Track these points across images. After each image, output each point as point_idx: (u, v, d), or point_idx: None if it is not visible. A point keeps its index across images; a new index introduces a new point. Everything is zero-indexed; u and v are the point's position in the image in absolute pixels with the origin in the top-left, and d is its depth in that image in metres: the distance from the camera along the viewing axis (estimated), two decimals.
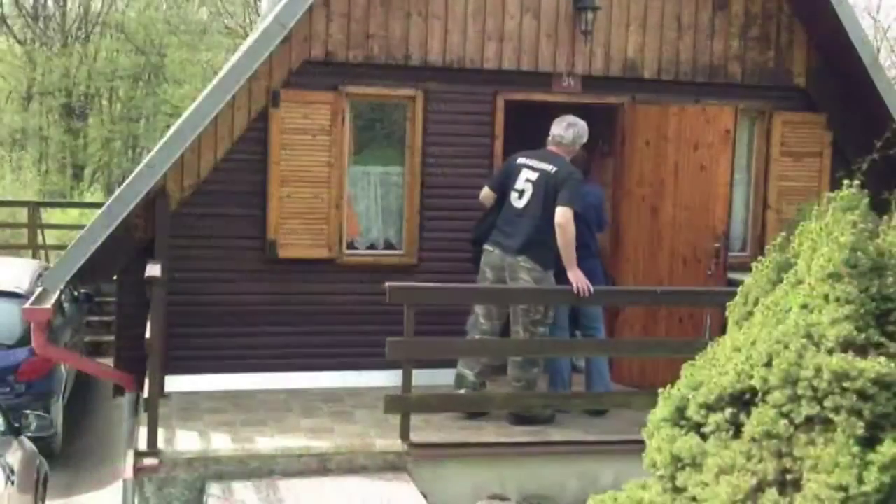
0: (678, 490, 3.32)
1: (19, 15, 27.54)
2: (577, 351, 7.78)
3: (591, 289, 6.72)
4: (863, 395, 2.97)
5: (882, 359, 3.01)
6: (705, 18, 8.26)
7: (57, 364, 8.87)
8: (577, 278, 6.70)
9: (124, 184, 7.12)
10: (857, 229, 3.21)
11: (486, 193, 7.21)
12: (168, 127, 12.07)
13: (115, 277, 7.59)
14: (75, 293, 11.01)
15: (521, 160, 7.04)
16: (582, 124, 7.15)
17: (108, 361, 8.24)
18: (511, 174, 7.03)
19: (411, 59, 7.73)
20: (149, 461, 6.03)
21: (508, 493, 6.54)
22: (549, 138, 7.12)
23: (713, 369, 3.39)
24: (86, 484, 8.65)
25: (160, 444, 6.13)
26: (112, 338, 9.16)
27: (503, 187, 7.08)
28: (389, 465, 6.38)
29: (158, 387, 6.31)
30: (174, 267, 7.29)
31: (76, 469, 8.97)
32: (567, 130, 7.07)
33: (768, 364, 3.18)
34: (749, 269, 3.77)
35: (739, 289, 3.69)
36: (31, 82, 27.07)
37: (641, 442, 3.54)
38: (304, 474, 6.24)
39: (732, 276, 7.38)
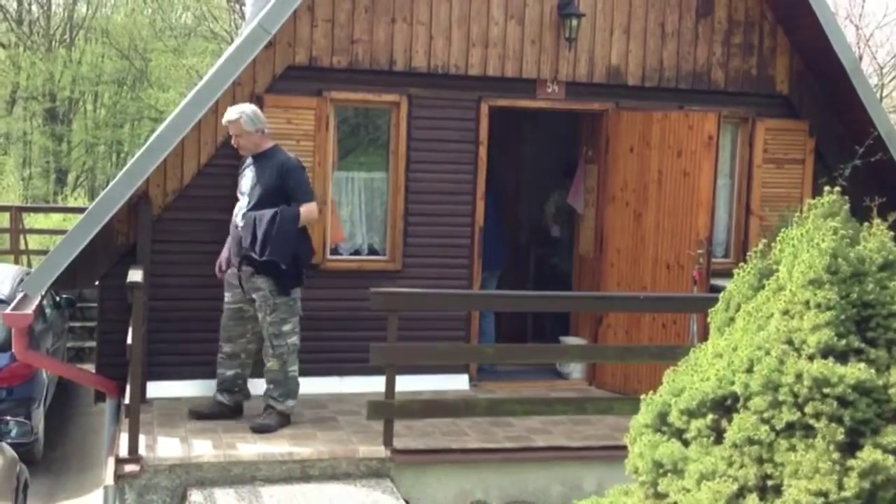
0: (660, 496, 3.32)
1: (3, 19, 27.45)
2: (561, 357, 7.79)
3: None
4: (843, 402, 2.97)
5: (862, 365, 3.02)
6: (689, 26, 8.29)
7: (38, 370, 8.81)
8: None
9: (106, 188, 7.08)
10: (837, 236, 3.21)
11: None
12: (153, 132, 12.02)
13: (97, 283, 7.55)
14: (57, 298, 10.95)
15: None
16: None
17: (91, 367, 8.19)
18: None
19: (395, 65, 7.72)
20: (130, 467, 6.00)
21: (491, 499, 6.53)
22: (266, 132, 6.90)
23: (695, 375, 3.39)
24: (67, 490, 8.60)
25: (141, 451, 6.10)
26: (94, 343, 9.12)
27: None
28: (372, 472, 6.37)
29: (140, 393, 6.28)
30: (156, 272, 7.26)
31: (57, 475, 8.91)
32: None
33: (749, 370, 3.18)
34: (732, 276, 3.77)
35: (721, 295, 3.69)
36: (15, 87, 26.97)
37: (624, 447, 3.53)
38: (287, 481, 6.22)
39: (715, 282, 7.41)
